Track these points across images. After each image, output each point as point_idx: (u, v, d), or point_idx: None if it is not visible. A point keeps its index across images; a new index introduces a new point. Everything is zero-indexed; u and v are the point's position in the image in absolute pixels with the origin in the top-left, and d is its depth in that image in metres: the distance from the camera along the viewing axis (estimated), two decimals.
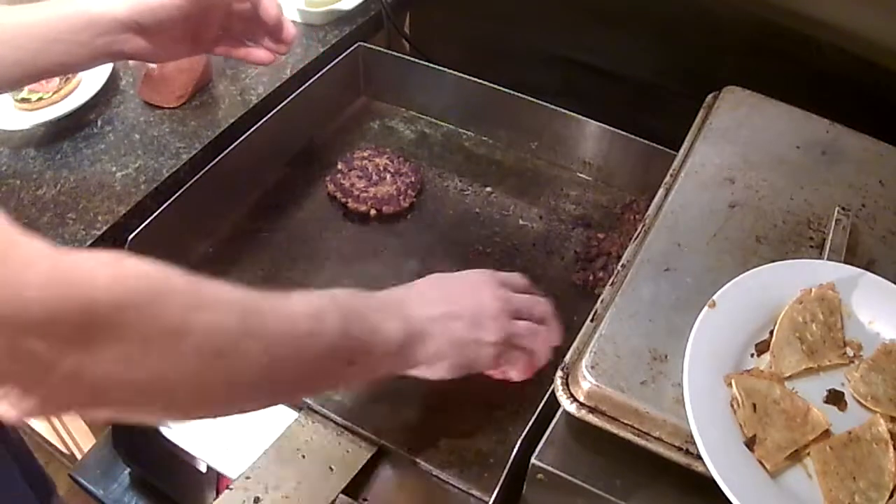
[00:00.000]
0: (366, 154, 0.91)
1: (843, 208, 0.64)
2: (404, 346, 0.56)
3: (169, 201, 0.76)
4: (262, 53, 0.76)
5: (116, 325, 0.40)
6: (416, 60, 0.97)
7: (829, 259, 0.60)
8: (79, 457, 1.19)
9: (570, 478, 0.53)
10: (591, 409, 0.53)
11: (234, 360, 0.45)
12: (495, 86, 0.92)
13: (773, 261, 0.59)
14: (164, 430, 0.70)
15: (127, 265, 0.42)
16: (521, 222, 0.86)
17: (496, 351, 0.60)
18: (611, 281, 0.61)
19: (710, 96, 0.77)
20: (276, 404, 0.52)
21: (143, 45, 0.69)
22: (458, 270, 0.80)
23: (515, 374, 0.62)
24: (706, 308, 0.55)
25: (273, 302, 0.49)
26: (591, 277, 0.79)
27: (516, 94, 0.91)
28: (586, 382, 0.53)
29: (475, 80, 0.92)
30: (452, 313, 0.59)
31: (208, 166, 0.80)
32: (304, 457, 0.65)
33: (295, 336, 0.49)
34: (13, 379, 0.39)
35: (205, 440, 0.69)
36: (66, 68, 0.73)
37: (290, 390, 0.53)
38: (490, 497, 0.59)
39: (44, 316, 0.38)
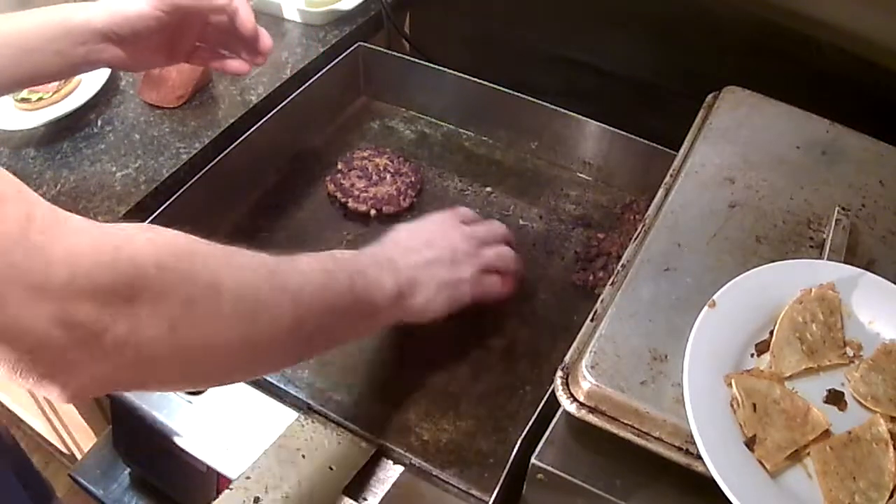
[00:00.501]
0: (366, 154, 0.91)
1: (843, 208, 0.64)
2: (400, 297, 0.61)
3: (169, 201, 0.76)
4: (238, 64, 0.77)
5: (160, 283, 0.42)
6: (416, 60, 0.97)
7: (829, 259, 0.60)
8: (79, 457, 1.19)
9: (570, 478, 0.53)
10: (591, 409, 0.53)
11: (266, 314, 0.48)
12: (495, 86, 0.92)
13: (773, 261, 0.59)
14: (164, 430, 0.70)
15: (161, 232, 0.44)
16: (521, 222, 0.86)
17: (474, 283, 0.67)
18: (611, 281, 0.61)
19: (710, 96, 0.77)
20: (305, 358, 0.56)
21: (119, 55, 0.71)
22: None
23: (496, 293, 0.70)
24: (706, 308, 0.55)
25: (284, 262, 0.52)
26: (591, 277, 0.79)
27: (516, 94, 0.91)
28: (586, 382, 0.53)
29: (475, 80, 0.92)
30: (434, 259, 0.65)
31: (208, 166, 0.80)
32: (304, 457, 0.65)
33: (312, 289, 0.53)
34: (64, 352, 0.39)
35: (205, 440, 0.69)
36: (45, 78, 0.74)
37: (317, 342, 0.56)
38: (490, 497, 0.59)
39: (95, 276, 0.39)
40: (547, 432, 0.55)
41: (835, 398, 0.53)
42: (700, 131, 0.72)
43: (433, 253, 0.65)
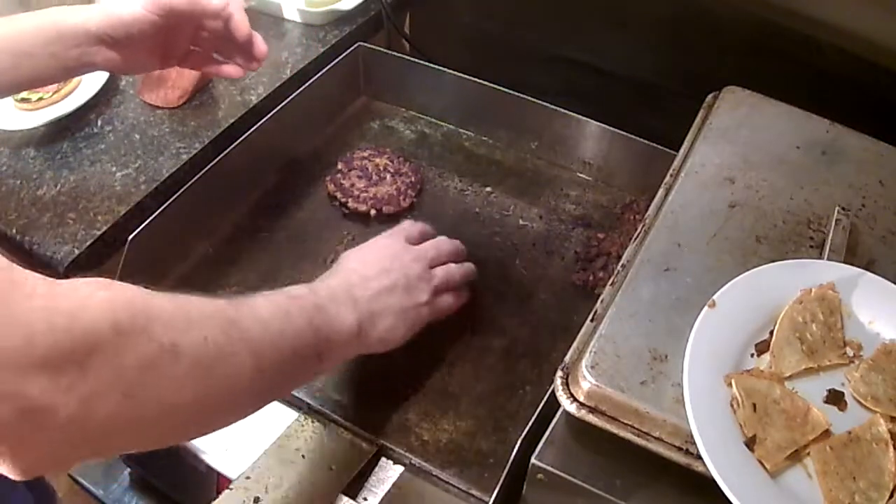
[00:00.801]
0: (366, 154, 0.91)
1: (843, 208, 0.64)
2: (361, 331, 0.60)
3: (169, 201, 0.76)
4: (232, 69, 0.77)
5: (116, 351, 0.40)
6: (416, 60, 0.97)
7: (829, 259, 0.60)
8: None
9: (570, 478, 0.53)
10: (591, 409, 0.53)
11: (225, 370, 0.47)
12: (495, 86, 0.91)
13: (773, 261, 0.59)
14: None
15: (117, 289, 0.42)
16: (521, 222, 0.86)
17: (431, 306, 0.67)
18: (611, 281, 0.61)
19: (710, 96, 0.77)
20: (264, 405, 0.54)
21: (113, 57, 0.70)
22: None
23: (449, 309, 0.70)
24: (706, 308, 0.55)
25: (244, 308, 0.51)
26: (591, 277, 0.79)
27: (516, 94, 0.91)
28: (586, 382, 0.53)
29: (475, 80, 0.92)
30: (391, 286, 0.64)
31: (208, 166, 0.80)
32: (304, 457, 0.65)
33: (271, 337, 0.51)
34: (13, 428, 0.37)
35: (205, 440, 0.69)
36: (40, 82, 0.74)
37: (276, 389, 0.55)
38: (490, 497, 0.59)
39: (48, 348, 0.37)
40: (547, 432, 0.55)
41: (835, 398, 0.53)
42: (700, 131, 0.72)
43: (389, 280, 0.64)
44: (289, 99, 0.88)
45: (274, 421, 0.68)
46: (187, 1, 0.69)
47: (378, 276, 0.64)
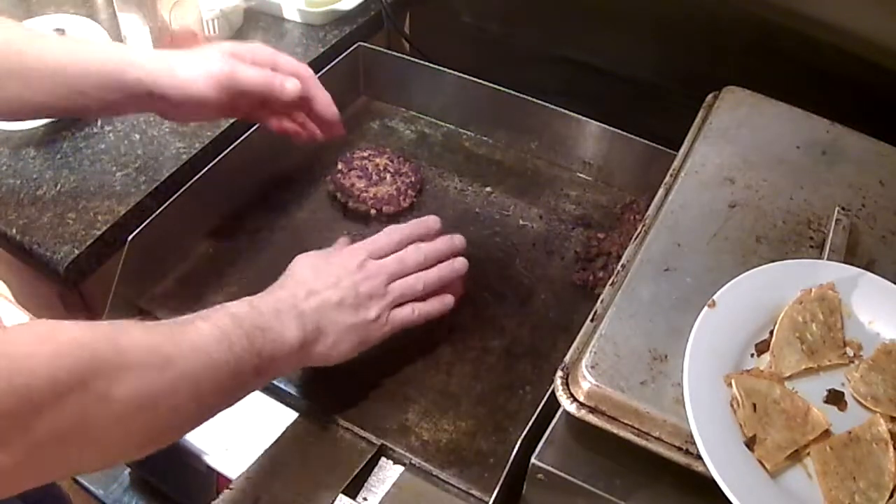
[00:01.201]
0: (366, 154, 0.90)
1: (843, 208, 0.64)
2: (304, 346, 0.60)
3: (169, 201, 0.76)
4: (304, 135, 0.77)
5: (53, 407, 0.42)
6: (416, 60, 0.97)
7: (829, 259, 0.60)
8: None
9: (570, 478, 0.53)
10: (591, 409, 0.53)
11: (166, 407, 0.49)
12: (495, 86, 0.92)
13: (773, 261, 0.59)
14: None
15: (60, 339, 0.44)
16: (521, 222, 0.86)
17: (382, 321, 0.66)
18: (611, 281, 0.61)
19: (710, 96, 0.77)
20: (204, 422, 0.55)
21: (169, 113, 0.72)
22: None
23: (409, 322, 0.68)
24: (706, 308, 0.55)
25: (186, 339, 0.52)
26: (591, 277, 0.79)
27: (516, 94, 0.91)
28: (586, 382, 0.53)
29: (475, 80, 0.92)
30: (338, 301, 0.63)
31: (208, 166, 0.80)
32: (304, 457, 0.65)
33: (213, 369, 0.52)
34: None
35: (205, 440, 0.69)
36: (83, 114, 0.75)
37: (214, 411, 0.56)
38: (490, 497, 0.59)
39: None
40: (547, 432, 0.56)
41: (835, 398, 0.53)
42: (700, 131, 0.72)
43: (337, 295, 0.63)
44: None
45: (274, 421, 0.68)
46: (260, 84, 0.68)
47: (326, 290, 0.63)
